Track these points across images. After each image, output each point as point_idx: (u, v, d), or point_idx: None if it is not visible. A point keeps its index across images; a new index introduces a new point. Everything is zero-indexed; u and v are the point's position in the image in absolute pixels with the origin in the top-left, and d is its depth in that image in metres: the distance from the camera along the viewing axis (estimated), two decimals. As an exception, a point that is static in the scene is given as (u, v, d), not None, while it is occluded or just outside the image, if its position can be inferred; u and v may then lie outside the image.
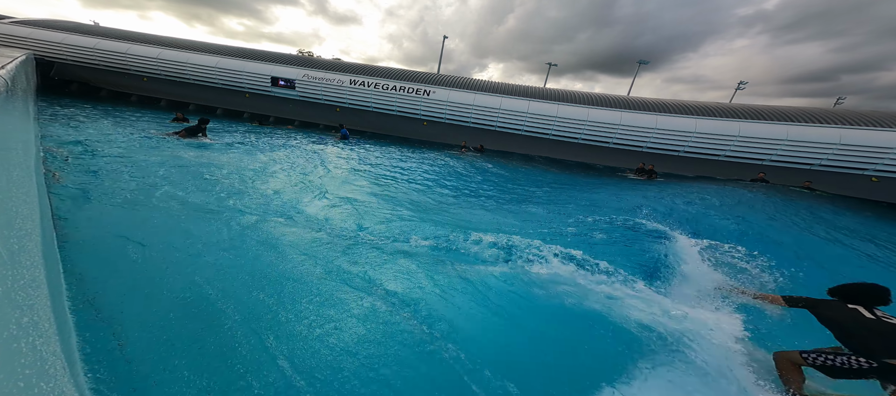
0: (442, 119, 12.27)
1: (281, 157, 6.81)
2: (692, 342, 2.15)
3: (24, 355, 1.00)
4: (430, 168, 8.07)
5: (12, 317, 1.08)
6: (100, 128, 7.05)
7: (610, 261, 3.12)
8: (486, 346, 2.10)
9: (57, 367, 1.19)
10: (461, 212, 4.90)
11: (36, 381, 0.98)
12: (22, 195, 2.09)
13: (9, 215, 1.65)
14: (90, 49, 12.59)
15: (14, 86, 3.33)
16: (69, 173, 3.97)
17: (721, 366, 1.98)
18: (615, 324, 2.35)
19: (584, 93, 13.01)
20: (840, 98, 22.44)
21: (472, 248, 3.41)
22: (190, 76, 12.84)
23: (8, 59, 5.11)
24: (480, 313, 2.44)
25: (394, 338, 2.08)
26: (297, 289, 2.46)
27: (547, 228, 4.34)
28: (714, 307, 2.64)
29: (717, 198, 6.66)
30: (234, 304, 2.30)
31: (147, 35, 14.10)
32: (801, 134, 9.64)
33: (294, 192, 4.74)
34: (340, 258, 2.95)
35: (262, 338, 1.99)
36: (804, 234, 5.33)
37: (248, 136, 9.23)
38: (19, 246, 1.57)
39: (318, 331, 2.06)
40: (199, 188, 4.19)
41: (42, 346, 1.15)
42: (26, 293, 1.32)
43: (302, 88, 12.72)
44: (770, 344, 2.30)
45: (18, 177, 2.29)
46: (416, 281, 2.72)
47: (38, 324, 1.25)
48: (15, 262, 1.38)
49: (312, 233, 3.40)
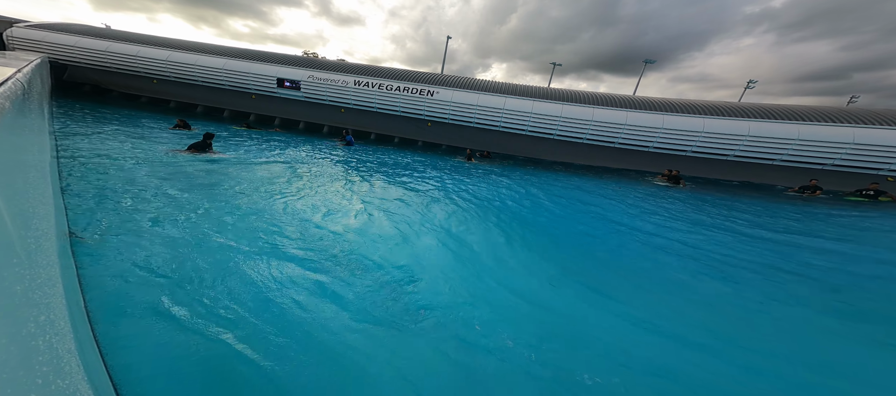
0: (445, 120, 12.28)
1: (306, 177, 6.08)
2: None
3: (41, 353, 1.03)
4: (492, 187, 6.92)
5: (30, 315, 1.12)
6: (111, 142, 6.65)
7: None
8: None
9: (72, 365, 1.22)
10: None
11: (53, 378, 1.01)
12: (38, 196, 2.15)
13: (25, 216, 1.70)
14: (102, 52, 12.87)
15: (30, 89, 3.42)
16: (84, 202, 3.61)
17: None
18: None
19: (588, 92, 12.90)
20: (853, 97, 21.91)
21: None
22: (198, 78, 13.04)
23: (24, 62, 5.25)
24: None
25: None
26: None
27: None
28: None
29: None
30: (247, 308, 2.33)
31: (157, 38, 14.36)
32: (812, 133, 9.44)
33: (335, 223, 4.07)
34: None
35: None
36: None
37: (256, 145, 8.73)
38: (36, 245, 1.61)
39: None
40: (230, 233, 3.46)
41: (58, 344, 1.19)
42: (43, 291, 1.36)
43: (307, 89, 12.84)
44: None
45: (34, 178, 2.35)
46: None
47: (55, 322, 1.28)
48: (32, 261, 1.41)
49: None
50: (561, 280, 3.26)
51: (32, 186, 2.17)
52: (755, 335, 2.63)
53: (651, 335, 2.53)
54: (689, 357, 2.32)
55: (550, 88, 13.64)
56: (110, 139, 6.94)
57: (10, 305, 1.03)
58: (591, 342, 2.41)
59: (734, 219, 6.21)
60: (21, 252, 1.31)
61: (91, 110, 10.21)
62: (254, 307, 2.38)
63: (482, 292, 2.91)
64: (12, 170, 1.79)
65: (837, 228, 6.04)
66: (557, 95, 12.00)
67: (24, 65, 4.31)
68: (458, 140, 12.91)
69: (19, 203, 1.69)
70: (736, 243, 4.80)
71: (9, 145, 1.74)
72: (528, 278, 3.27)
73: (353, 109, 13.00)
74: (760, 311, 3.00)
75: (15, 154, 1.95)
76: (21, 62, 4.98)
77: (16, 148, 2.06)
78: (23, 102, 2.95)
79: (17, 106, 2.71)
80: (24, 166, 2.25)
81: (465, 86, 12.41)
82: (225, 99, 13.72)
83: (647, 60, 21.45)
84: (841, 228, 6.04)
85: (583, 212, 6.08)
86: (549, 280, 3.23)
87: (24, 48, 12.74)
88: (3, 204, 1.25)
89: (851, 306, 3.18)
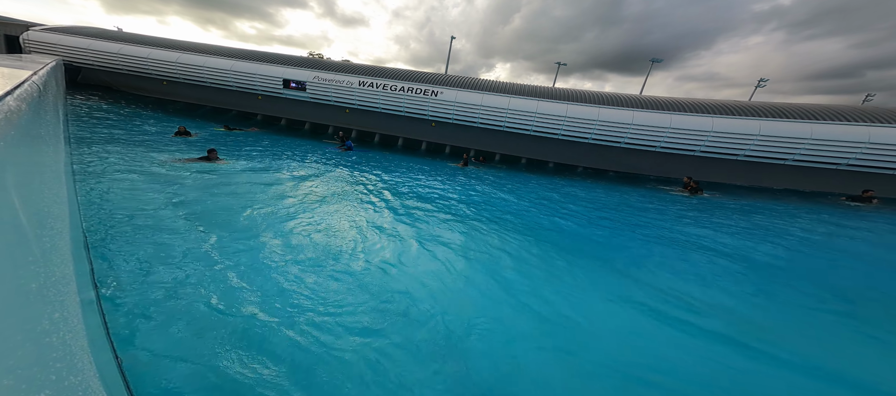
0: (449, 120, 12.27)
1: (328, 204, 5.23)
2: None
3: (55, 349, 1.05)
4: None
5: (45, 313, 1.14)
6: (118, 146, 6.48)
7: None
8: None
9: (84, 362, 1.24)
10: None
11: (66, 375, 1.03)
12: (53, 196, 2.20)
13: (41, 215, 1.74)
14: (114, 54, 13.17)
15: (45, 91, 3.52)
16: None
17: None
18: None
19: (594, 92, 12.78)
20: (869, 95, 21.29)
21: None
22: (207, 80, 13.26)
23: (39, 65, 5.40)
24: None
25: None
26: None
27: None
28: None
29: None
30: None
31: (166, 40, 14.64)
32: (826, 133, 9.20)
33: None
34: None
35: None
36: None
37: (267, 155, 8.26)
38: (51, 245, 1.65)
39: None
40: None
41: (71, 341, 1.21)
42: (57, 289, 1.39)
43: (312, 90, 12.95)
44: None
45: (50, 179, 2.40)
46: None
47: (68, 320, 1.31)
48: (47, 260, 1.45)
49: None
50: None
51: (48, 186, 2.22)
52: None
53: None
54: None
55: (556, 88, 13.54)
56: (118, 143, 7.07)
57: (25, 303, 1.05)
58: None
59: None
60: (36, 251, 1.34)
61: (104, 112, 10.44)
62: (266, 309, 2.40)
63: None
64: (29, 170, 1.84)
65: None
66: (563, 95, 11.90)
67: (40, 68, 4.43)
68: (463, 140, 12.89)
69: (35, 203, 1.73)
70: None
71: (25, 146, 1.79)
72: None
73: (358, 110, 13.08)
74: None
75: (31, 155, 2.00)
76: (37, 65, 5.11)
77: (32, 149, 2.11)
78: (38, 104, 3.03)
79: (34, 108, 2.78)
80: (41, 166, 2.31)
81: (470, 86, 12.39)
82: (231, 100, 13.92)
83: (653, 60, 21.13)
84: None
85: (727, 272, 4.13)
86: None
87: (40, 51, 13.10)
88: (20, 203, 1.28)
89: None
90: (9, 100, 1.42)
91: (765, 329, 2.87)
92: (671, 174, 11.19)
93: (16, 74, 2.62)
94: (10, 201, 1.16)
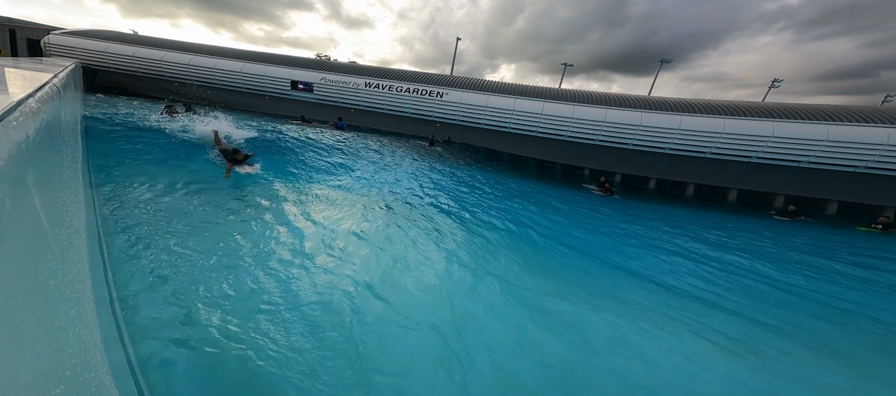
0: (455, 121, 12.28)
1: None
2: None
3: (70, 345, 1.08)
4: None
5: (61, 309, 1.17)
6: (135, 144, 6.36)
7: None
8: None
9: (97, 358, 1.27)
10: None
11: (80, 371, 1.05)
12: (70, 196, 2.26)
13: (59, 214, 1.79)
14: (130, 57, 13.54)
15: (64, 93, 3.63)
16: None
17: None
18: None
19: (600, 93, 12.64)
20: (888, 95, 20.57)
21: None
22: (218, 81, 13.54)
23: (59, 67, 5.58)
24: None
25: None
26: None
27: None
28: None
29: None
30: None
31: (179, 42, 15.01)
32: (843, 134, 8.91)
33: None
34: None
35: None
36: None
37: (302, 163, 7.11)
38: (68, 242, 1.70)
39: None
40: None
41: (86, 338, 1.24)
42: (73, 286, 1.43)
43: (319, 91, 13.11)
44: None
45: (68, 178, 2.47)
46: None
47: (83, 316, 1.34)
48: (64, 257, 1.49)
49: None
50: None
51: (66, 185, 2.29)
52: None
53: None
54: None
55: (561, 89, 13.44)
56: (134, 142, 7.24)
57: (43, 299, 1.08)
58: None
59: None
60: (55, 248, 1.38)
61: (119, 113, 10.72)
62: (281, 317, 2.40)
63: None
64: (48, 169, 1.89)
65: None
66: (569, 96, 11.80)
67: (60, 70, 4.57)
68: (469, 140, 12.87)
69: (54, 201, 1.78)
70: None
71: (45, 146, 1.85)
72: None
73: (364, 111, 13.19)
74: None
75: (51, 154, 2.07)
76: (57, 68, 5.29)
77: (52, 148, 2.18)
78: (58, 106, 3.13)
79: (54, 109, 2.87)
80: (60, 165, 2.38)
81: (475, 87, 12.39)
82: (240, 101, 14.18)
83: (663, 60, 20.78)
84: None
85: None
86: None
87: (59, 54, 13.55)
88: (40, 202, 1.32)
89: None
90: (31, 102, 1.47)
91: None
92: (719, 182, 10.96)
93: (37, 77, 2.71)
94: (31, 199, 1.20)
